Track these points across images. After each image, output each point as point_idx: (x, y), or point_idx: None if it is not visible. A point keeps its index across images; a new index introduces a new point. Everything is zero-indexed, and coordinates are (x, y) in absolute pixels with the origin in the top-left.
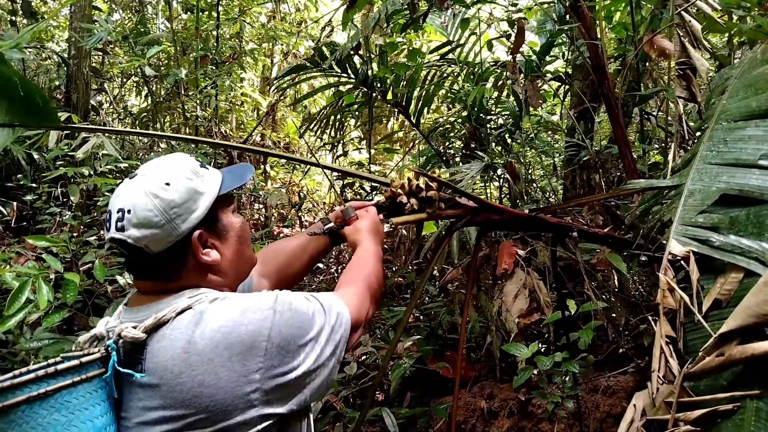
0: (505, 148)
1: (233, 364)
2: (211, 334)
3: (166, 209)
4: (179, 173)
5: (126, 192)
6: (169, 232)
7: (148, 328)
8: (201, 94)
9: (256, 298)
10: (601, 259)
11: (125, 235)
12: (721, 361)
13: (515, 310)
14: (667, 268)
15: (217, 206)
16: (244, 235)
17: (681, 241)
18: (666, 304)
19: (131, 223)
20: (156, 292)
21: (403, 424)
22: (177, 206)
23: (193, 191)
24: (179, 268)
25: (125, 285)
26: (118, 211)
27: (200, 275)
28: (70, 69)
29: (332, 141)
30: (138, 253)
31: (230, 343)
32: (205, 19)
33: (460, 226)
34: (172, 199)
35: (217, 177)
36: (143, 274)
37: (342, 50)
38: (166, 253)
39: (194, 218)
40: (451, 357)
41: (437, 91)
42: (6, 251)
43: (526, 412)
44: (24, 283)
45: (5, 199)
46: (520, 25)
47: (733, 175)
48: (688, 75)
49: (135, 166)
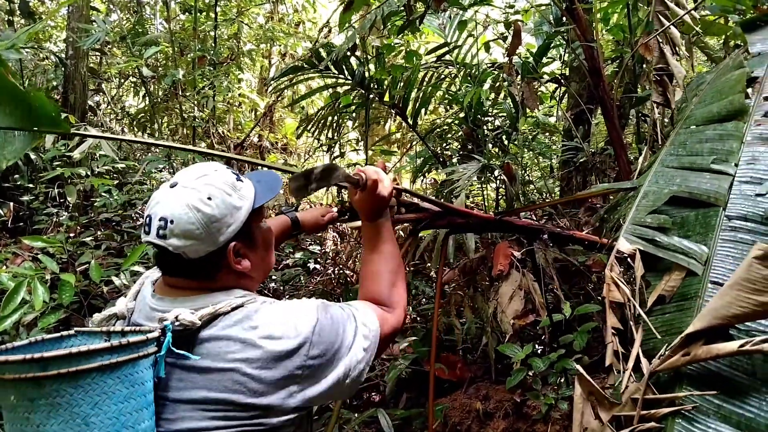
0: (502, 150)
1: (278, 368)
2: (262, 335)
3: (207, 223)
4: (220, 188)
5: (168, 201)
6: (208, 243)
7: (204, 316)
8: (198, 94)
9: (303, 307)
10: (597, 260)
11: (167, 243)
12: (687, 360)
13: (510, 312)
14: (614, 264)
15: (250, 218)
16: (269, 241)
17: (629, 239)
18: (612, 297)
19: (173, 234)
20: (192, 288)
21: (399, 425)
22: (217, 221)
23: (232, 206)
24: (214, 272)
25: (121, 286)
26: (160, 219)
27: (232, 279)
28: (67, 69)
29: (329, 142)
30: (176, 258)
31: (279, 349)
32: (202, 19)
33: (420, 228)
34: (213, 214)
35: (251, 190)
36: (177, 274)
37: (338, 51)
38: (203, 260)
39: (231, 231)
40: (448, 358)
41: (434, 92)
42: (2, 252)
43: (521, 413)
44: (19, 284)
45: (2, 199)
46: (517, 27)
47: (686, 178)
48: (664, 81)
49: (132, 167)
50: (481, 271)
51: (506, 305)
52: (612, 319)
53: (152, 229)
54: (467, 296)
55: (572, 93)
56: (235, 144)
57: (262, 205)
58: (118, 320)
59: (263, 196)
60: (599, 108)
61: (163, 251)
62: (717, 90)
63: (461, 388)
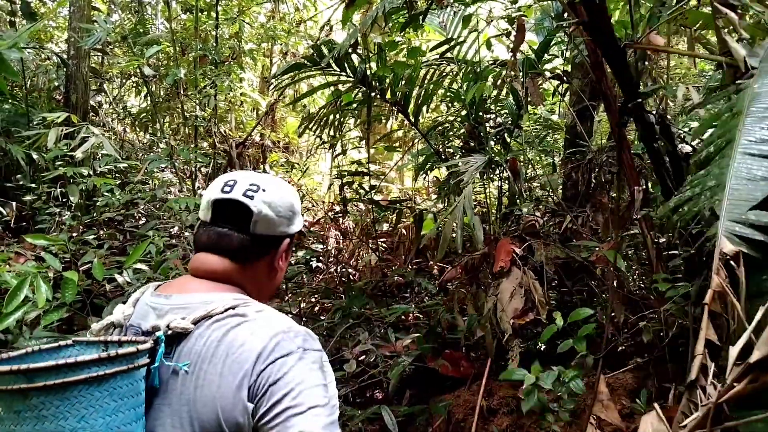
0: (504, 147)
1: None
2: (244, 342)
3: (290, 208)
4: (295, 194)
5: (259, 178)
6: (279, 224)
7: (197, 319)
8: (200, 94)
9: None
10: (600, 256)
11: (251, 203)
12: (755, 387)
13: (510, 311)
14: (720, 268)
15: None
16: (287, 263)
17: (732, 240)
18: (713, 307)
19: (262, 199)
20: (211, 278)
21: (403, 422)
22: (295, 213)
23: (299, 211)
24: (260, 256)
25: (124, 284)
26: (251, 184)
27: (261, 274)
28: (69, 69)
29: (331, 140)
30: (239, 226)
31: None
32: (204, 19)
33: None
34: (294, 204)
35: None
36: (224, 248)
37: (340, 48)
38: (264, 239)
39: (294, 229)
40: (451, 355)
41: (436, 89)
42: (5, 251)
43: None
44: (22, 281)
45: (4, 199)
46: (521, 23)
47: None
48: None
49: (134, 167)
50: (483, 268)
51: (506, 303)
52: (709, 330)
53: (236, 189)
54: (470, 293)
55: (575, 89)
56: (237, 143)
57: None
58: (115, 329)
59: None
60: (602, 104)
61: (238, 215)
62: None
63: (464, 385)
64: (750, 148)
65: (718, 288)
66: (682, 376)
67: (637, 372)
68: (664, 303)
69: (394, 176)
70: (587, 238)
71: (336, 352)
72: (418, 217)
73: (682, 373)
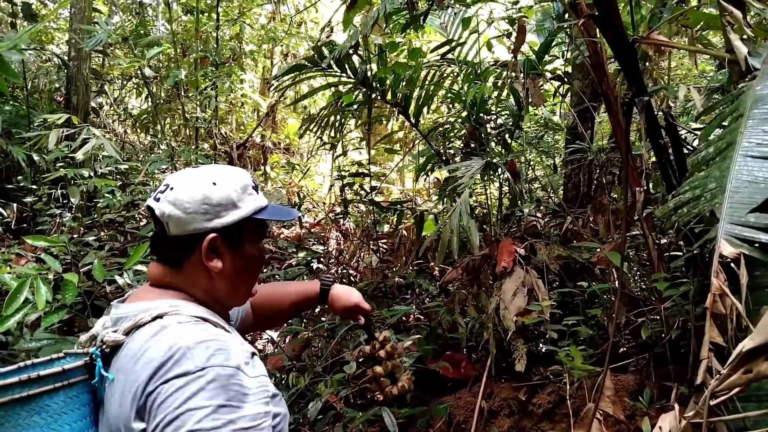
0: (505, 148)
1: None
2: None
3: (202, 203)
4: (231, 181)
5: (183, 174)
6: (190, 221)
7: (127, 329)
8: (201, 95)
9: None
10: (601, 257)
11: (157, 205)
12: (750, 378)
13: (513, 309)
14: (719, 271)
15: (245, 228)
16: (254, 265)
17: (732, 242)
18: (716, 309)
19: (167, 199)
20: (159, 285)
21: (403, 423)
22: (209, 205)
23: (231, 202)
24: (184, 257)
25: (124, 285)
26: (164, 184)
27: (198, 275)
28: (70, 71)
29: (332, 141)
30: (160, 228)
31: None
32: (204, 20)
33: None
34: (209, 197)
35: (260, 203)
36: (157, 251)
37: (340, 50)
38: (180, 239)
39: (218, 223)
40: (452, 356)
41: (437, 91)
42: (6, 252)
43: (526, 411)
44: (22, 284)
45: (5, 200)
46: (521, 23)
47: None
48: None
49: (135, 168)
50: (485, 269)
51: (509, 302)
52: (713, 332)
53: (155, 192)
54: (471, 294)
55: (576, 90)
56: (237, 144)
57: (266, 227)
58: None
59: (269, 215)
60: (603, 105)
61: (154, 219)
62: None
63: (466, 387)
64: (751, 151)
65: (717, 291)
66: (684, 377)
67: (638, 373)
68: (665, 302)
69: (395, 177)
70: (588, 239)
71: (336, 354)
72: (419, 219)
73: (683, 373)
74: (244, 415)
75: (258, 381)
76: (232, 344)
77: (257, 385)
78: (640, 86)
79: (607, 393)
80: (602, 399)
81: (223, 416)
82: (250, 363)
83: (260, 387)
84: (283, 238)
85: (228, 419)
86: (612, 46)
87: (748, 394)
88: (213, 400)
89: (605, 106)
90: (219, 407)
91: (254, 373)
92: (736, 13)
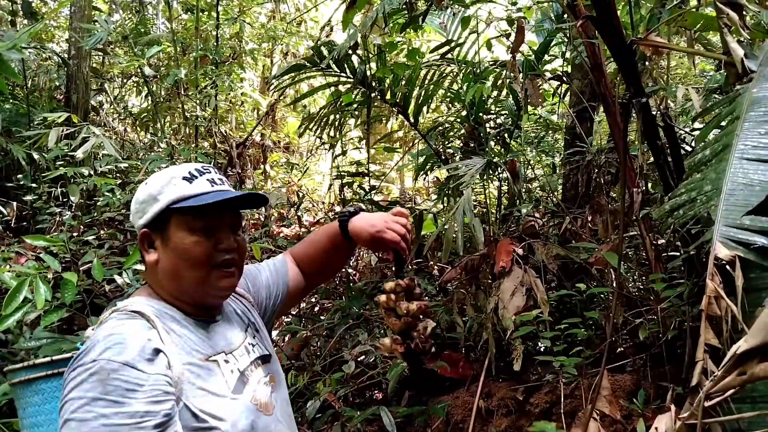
0: (504, 147)
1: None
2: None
3: (134, 203)
4: (158, 177)
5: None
6: (134, 222)
7: (96, 326)
8: (201, 94)
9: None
10: (599, 258)
11: None
12: (744, 380)
13: (512, 308)
14: (715, 273)
15: (173, 217)
16: (187, 255)
17: (727, 245)
18: (711, 311)
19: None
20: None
21: (401, 423)
22: (138, 203)
23: (151, 197)
24: (142, 256)
25: (124, 285)
26: None
27: (150, 272)
28: (70, 69)
29: (331, 141)
30: None
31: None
32: (205, 19)
33: None
34: (137, 197)
35: (184, 192)
36: None
37: (340, 49)
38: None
39: (145, 219)
40: (450, 356)
41: (436, 90)
42: (6, 251)
43: (523, 410)
44: (21, 283)
45: (5, 199)
46: (520, 24)
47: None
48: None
49: (135, 167)
50: (483, 269)
51: (508, 301)
52: (708, 334)
53: None
54: (469, 294)
55: (575, 90)
56: (237, 143)
57: (197, 213)
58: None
59: (196, 201)
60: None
61: None
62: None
63: (463, 386)
64: (747, 153)
65: (712, 293)
66: (680, 377)
67: (635, 373)
68: (661, 303)
69: (394, 176)
70: (586, 240)
71: (336, 353)
72: (418, 218)
73: (679, 374)
74: (122, 411)
75: (154, 378)
76: (134, 340)
77: (151, 383)
78: (638, 87)
79: (604, 393)
80: (599, 399)
81: (96, 409)
82: (153, 360)
83: (154, 385)
84: (283, 237)
85: (101, 413)
86: (610, 47)
87: (742, 395)
88: (89, 393)
89: (603, 106)
90: (93, 400)
91: (152, 370)
92: (732, 15)
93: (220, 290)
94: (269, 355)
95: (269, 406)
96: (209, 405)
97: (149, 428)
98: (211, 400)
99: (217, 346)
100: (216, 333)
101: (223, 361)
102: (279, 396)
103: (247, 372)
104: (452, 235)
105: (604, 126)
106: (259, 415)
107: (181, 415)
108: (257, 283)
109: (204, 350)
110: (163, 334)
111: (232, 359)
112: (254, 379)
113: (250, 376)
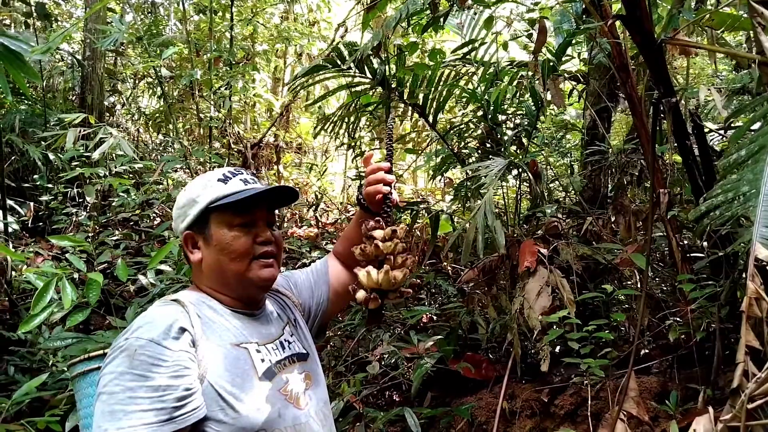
0: (521, 148)
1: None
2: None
3: (175, 209)
4: (196, 182)
5: None
6: (176, 228)
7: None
8: (215, 95)
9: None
10: (624, 259)
11: None
12: None
13: (538, 308)
14: (755, 275)
15: (212, 216)
16: (229, 249)
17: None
18: (751, 313)
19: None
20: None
21: (424, 424)
22: (179, 209)
23: (191, 200)
24: (186, 257)
25: (148, 285)
26: None
27: (195, 271)
28: (84, 70)
29: (351, 142)
30: None
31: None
32: (218, 20)
33: None
34: (178, 202)
35: (220, 192)
36: None
37: (363, 51)
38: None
39: (187, 221)
40: (472, 357)
41: (452, 90)
42: (24, 251)
43: (548, 412)
44: (48, 283)
45: (22, 199)
46: (542, 24)
47: None
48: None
49: (149, 167)
50: (502, 269)
51: (533, 301)
52: (749, 336)
53: None
54: (490, 295)
55: (593, 90)
56: (251, 144)
57: (236, 209)
58: None
59: (229, 198)
60: (619, 105)
61: None
62: None
63: (486, 387)
64: None
65: (754, 294)
66: (709, 379)
67: (661, 375)
68: (690, 305)
69: (407, 177)
70: (608, 240)
71: (356, 354)
72: (434, 219)
73: (708, 375)
74: (147, 385)
75: (177, 355)
76: (162, 319)
77: (174, 359)
78: (668, 87)
79: (632, 394)
80: (626, 400)
81: (123, 383)
82: (178, 338)
83: (177, 360)
84: (297, 237)
85: (127, 386)
86: (640, 47)
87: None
88: (118, 368)
89: (629, 107)
90: (121, 374)
91: (176, 347)
92: (767, 15)
93: (261, 280)
94: (306, 354)
95: (301, 400)
96: (233, 386)
97: (170, 401)
98: (235, 381)
99: (250, 336)
100: (251, 326)
101: (255, 350)
102: (315, 395)
103: (280, 365)
104: (472, 236)
105: (617, 126)
106: (288, 406)
107: (205, 394)
108: (299, 284)
109: (236, 337)
110: (194, 318)
111: (264, 351)
112: (286, 373)
113: (282, 369)
